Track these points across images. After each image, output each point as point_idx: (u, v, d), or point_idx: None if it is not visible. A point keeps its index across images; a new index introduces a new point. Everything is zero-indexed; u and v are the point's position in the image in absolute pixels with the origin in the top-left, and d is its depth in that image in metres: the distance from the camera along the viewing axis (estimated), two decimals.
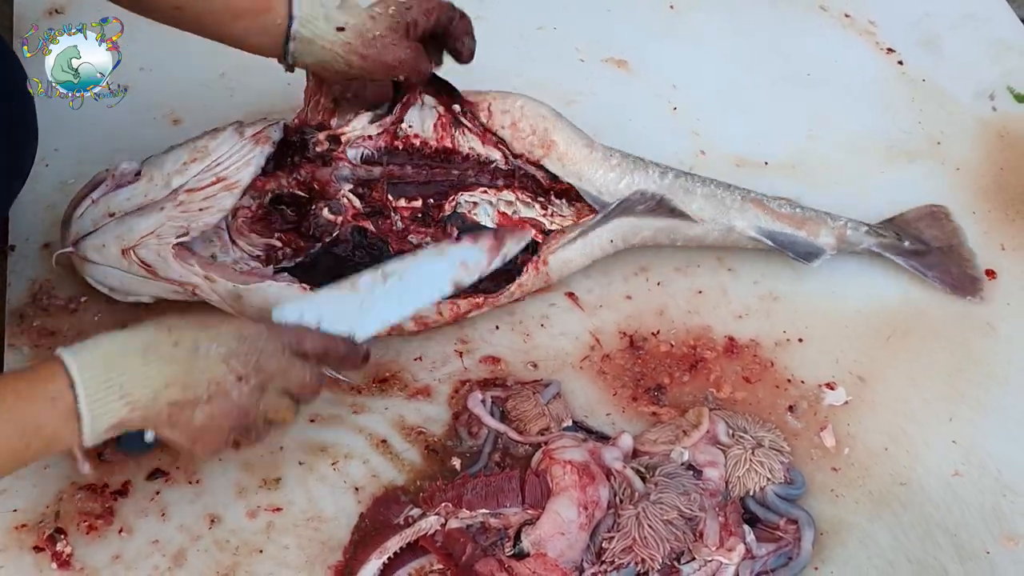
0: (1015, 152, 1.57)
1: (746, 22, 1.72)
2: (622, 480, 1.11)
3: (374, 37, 1.19)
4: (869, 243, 1.37)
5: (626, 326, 1.31)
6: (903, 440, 1.23)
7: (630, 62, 1.63)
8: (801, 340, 1.32)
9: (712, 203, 1.33)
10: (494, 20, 1.66)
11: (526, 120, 1.30)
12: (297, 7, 1.15)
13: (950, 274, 1.38)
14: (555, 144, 1.30)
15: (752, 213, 1.33)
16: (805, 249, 1.33)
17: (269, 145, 1.22)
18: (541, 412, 1.18)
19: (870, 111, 1.62)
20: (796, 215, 1.35)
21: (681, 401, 1.24)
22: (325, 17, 1.17)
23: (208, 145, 1.20)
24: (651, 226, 1.31)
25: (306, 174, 1.25)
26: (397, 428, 1.18)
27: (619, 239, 1.31)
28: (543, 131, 1.31)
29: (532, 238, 1.26)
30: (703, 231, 1.33)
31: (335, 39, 1.17)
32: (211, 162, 1.19)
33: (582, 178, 1.31)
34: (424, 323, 1.24)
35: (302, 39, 1.17)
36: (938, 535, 1.16)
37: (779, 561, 1.10)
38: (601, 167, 1.31)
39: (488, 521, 1.07)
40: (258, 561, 1.07)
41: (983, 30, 1.75)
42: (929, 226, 1.41)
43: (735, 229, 1.33)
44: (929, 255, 1.38)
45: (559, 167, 1.31)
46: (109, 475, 1.11)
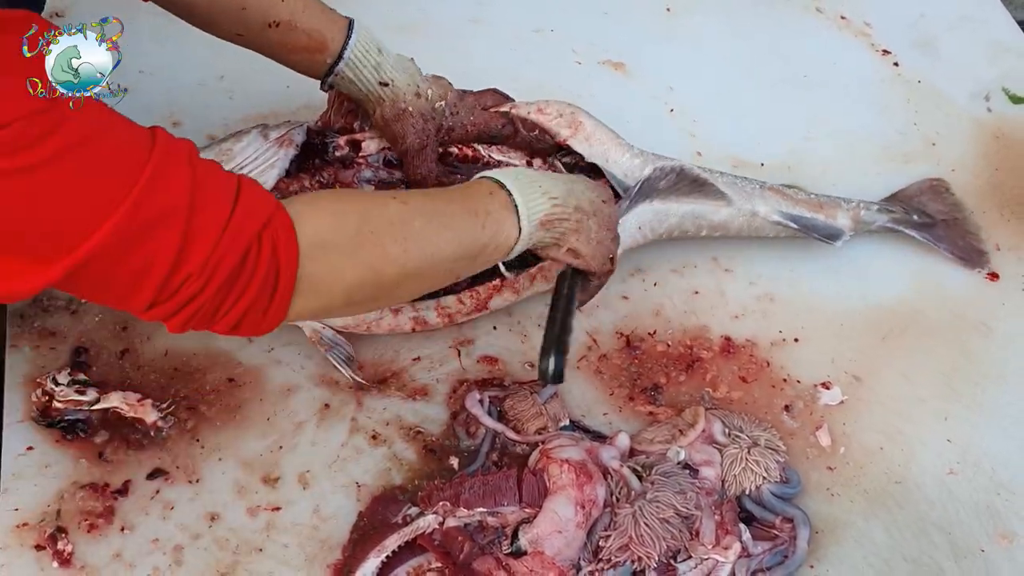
0: (1011, 153, 1.58)
1: (742, 24, 1.73)
2: (619, 479, 1.12)
3: (403, 112, 1.23)
4: (883, 220, 1.40)
5: (623, 326, 1.32)
6: (898, 439, 1.24)
7: (627, 64, 1.64)
8: (797, 340, 1.32)
9: (734, 189, 1.34)
10: (492, 23, 1.67)
11: (552, 106, 1.32)
12: (350, 51, 1.19)
13: (957, 246, 1.41)
14: (583, 125, 1.32)
15: (773, 199, 1.36)
16: (826, 231, 1.36)
17: (293, 148, 1.24)
18: (538, 412, 1.19)
19: (866, 112, 1.62)
20: (812, 200, 1.38)
21: (678, 401, 1.25)
22: (375, 67, 1.21)
23: (233, 148, 1.21)
24: (677, 212, 1.31)
25: (329, 176, 1.26)
26: (395, 427, 1.19)
27: (647, 227, 1.31)
28: (570, 114, 1.32)
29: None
30: (728, 216, 1.33)
31: (372, 91, 1.23)
32: (235, 165, 1.20)
33: (608, 160, 1.31)
34: (448, 315, 1.24)
35: (343, 77, 1.21)
36: (933, 533, 1.17)
37: (775, 559, 1.11)
38: (627, 152, 1.32)
39: (486, 520, 1.08)
40: (258, 559, 1.08)
41: (979, 32, 1.75)
42: (931, 199, 1.45)
43: (759, 214, 1.34)
44: (936, 227, 1.42)
45: (586, 147, 1.31)
46: (110, 474, 1.12)
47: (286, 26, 1.17)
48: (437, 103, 1.25)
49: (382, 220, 0.95)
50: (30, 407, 1.15)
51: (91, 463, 1.12)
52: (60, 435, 1.14)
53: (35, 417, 1.14)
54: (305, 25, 1.17)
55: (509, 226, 1.03)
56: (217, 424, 1.17)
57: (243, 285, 0.86)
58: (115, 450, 1.13)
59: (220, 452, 1.15)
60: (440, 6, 1.68)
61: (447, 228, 0.99)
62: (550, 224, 1.06)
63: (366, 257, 0.93)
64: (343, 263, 0.92)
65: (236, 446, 1.16)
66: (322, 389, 1.21)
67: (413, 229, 0.96)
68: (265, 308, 0.89)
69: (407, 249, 0.95)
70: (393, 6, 1.67)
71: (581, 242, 1.09)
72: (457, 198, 1.04)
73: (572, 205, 1.08)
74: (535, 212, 1.05)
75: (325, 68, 1.21)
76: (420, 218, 0.97)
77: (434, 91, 1.26)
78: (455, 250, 0.99)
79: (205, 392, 1.19)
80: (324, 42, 1.19)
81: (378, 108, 1.24)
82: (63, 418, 1.14)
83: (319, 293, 0.92)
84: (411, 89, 1.23)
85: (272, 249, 0.87)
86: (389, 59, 1.23)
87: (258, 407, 1.19)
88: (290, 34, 1.17)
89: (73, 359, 1.19)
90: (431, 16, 1.66)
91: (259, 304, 0.88)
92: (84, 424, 1.14)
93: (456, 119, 1.27)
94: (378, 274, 0.94)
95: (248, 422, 1.18)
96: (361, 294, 0.95)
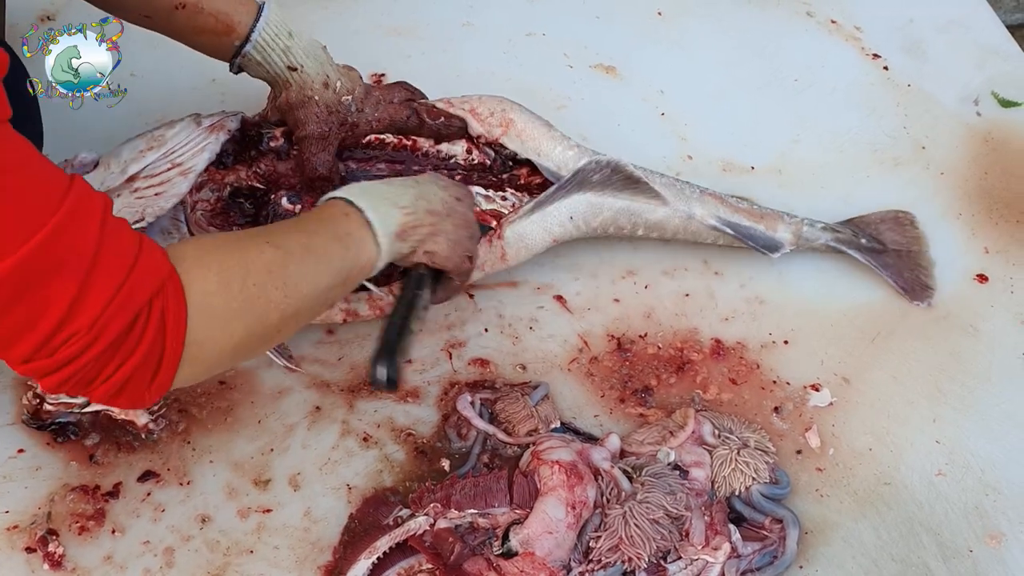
0: (999, 156, 1.59)
1: (733, 28, 1.74)
2: (609, 480, 1.12)
3: (308, 99, 1.24)
4: (826, 238, 1.39)
5: (614, 329, 1.32)
6: (887, 440, 1.25)
7: (618, 68, 1.65)
8: (787, 342, 1.33)
9: (671, 191, 1.33)
10: (484, 26, 1.68)
11: (484, 105, 1.34)
12: (257, 34, 1.19)
13: (902, 277, 1.39)
14: (513, 122, 1.33)
15: (711, 204, 1.35)
16: (764, 241, 1.35)
17: (224, 132, 1.24)
18: (529, 414, 1.19)
19: (856, 116, 1.63)
20: (754, 210, 1.37)
21: (668, 403, 1.25)
22: (284, 50, 1.21)
23: (165, 134, 1.22)
24: (612, 206, 1.31)
25: (266, 167, 1.27)
26: (387, 430, 1.19)
27: (579, 217, 1.30)
28: (501, 111, 1.33)
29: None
30: (664, 216, 1.33)
31: (281, 74, 1.23)
32: (167, 150, 1.21)
33: (540, 153, 1.33)
34: (379, 307, 1.23)
35: (251, 60, 1.22)
36: (922, 534, 1.17)
37: (764, 560, 1.11)
38: (560, 144, 1.33)
39: (476, 521, 1.08)
40: (249, 561, 1.08)
41: (968, 36, 1.76)
42: (891, 229, 1.43)
43: (695, 216, 1.33)
44: (884, 255, 1.40)
45: (518, 143, 1.33)
46: (101, 476, 1.12)
47: (192, 8, 1.17)
48: (344, 96, 1.26)
49: (262, 270, 0.93)
50: (21, 410, 1.15)
51: (82, 465, 1.13)
52: (51, 438, 1.14)
53: (26, 420, 1.14)
54: (212, 7, 1.18)
55: (369, 244, 1.02)
56: (208, 426, 1.17)
57: (128, 351, 0.83)
58: (106, 452, 1.14)
59: (211, 454, 1.15)
60: (432, 9, 1.69)
61: (319, 261, 0.98)
62: (405, 235, 1.05)
63: (253, 311, 0.91)
64: (231, 323, 0.90)
65: (227, 448, 1.16)
66: (313, 392, 1.22)
67: (289, 272, 0.94)
68: (150, 378, 0.86)
69: (288, 294, 0.94)
70: (385, 9, 1.68)
71: (438, 244, 1.09)
72: (319, 227, 1.02)
73: (423, 210, 1.08)
74: (389, 227, 1.04)
75: (233, 50, 1.21)
76: (294, 258, 0.96)
77: (343, 83, 1.26)
78: (329, 280, 0.99)
79: (196, 395, 1.19)
80: (231, 24, 1.19)
81: (284, 92, 1.24)
82: (54, 421, 1.14)
83: (206, 358, 0.89)
84: (320, 78, 1.24)
85: (160, 317, 0.84)
86: (300, 44, 1.23)
87: (249, 409, 1.19)
88: (197, 16, 1.18)
89: None
90: (423, 19, 1.67)
91: (143, 373, 0.85)
92: (75, 427, 1.15)
93: (361, 116, 1.28)
94: (264, 324, 0.93)
95: (239, 424, 1.18)
96: (247, 347, 0.94)
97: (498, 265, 1.29)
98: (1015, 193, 1.53)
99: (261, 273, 0.92)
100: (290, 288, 0.94)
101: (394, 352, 1.02)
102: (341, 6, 1.67)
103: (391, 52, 1.61)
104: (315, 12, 1.65)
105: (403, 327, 1.05)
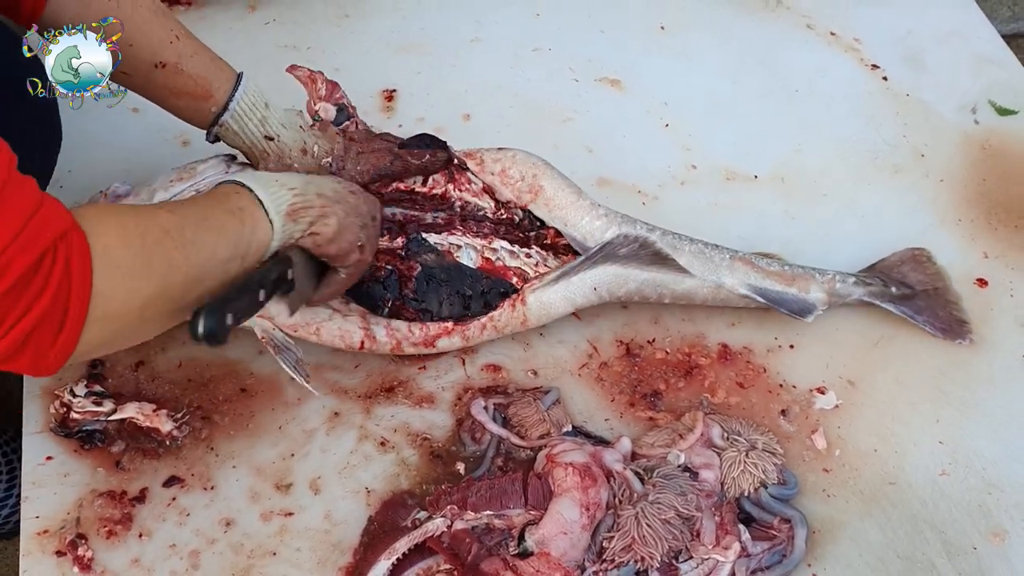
0: (997, 163, 1.61)
1: (734, 41, 1.77)
2: (622, 481, 1.14)
3: (288, 168, 1.22)
4: (859, 293, 1.36)
5: (623, 334, 1.35)
6: (892, 441, 1.27)
7: (623, 81, 1.68)
8: (792, 347, 1.35)
9: (700, 260, 1.31)
10: (491, 42, 1.71)
11: (516, 167, 1.30)
12: (236, 103, 1.19)
13: (938, 318, 1.38)
14: (543, 189, 1.30)
15: (741, 271, 1.32)
16: (797, 306, 1.32)
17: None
18: (542, 418, 1.22)
19: (856, 125, 1.66)
20: (785, 272, 1.34)
21: (677, 406, 1.28)
22: (261, 120, 1.21)
23: (196, 167, 1.24)
24: (637, 278, 1.29)
25: None
26: (403, 434, 1.22)
27: (603, 288, 1.28)
28: (532, 177, 1.30)
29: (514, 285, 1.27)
30: (692, 286, 1.31)
31: (257, 143, 1.23)
32: (195, 182, 1.22)
33: (567, 223, 1.30)
34: (396, 339, 1.23)
35: (228, 128, 1.21)
36: (927, 532, 1.19)
37: (773, 559, 1.13)
38: (588, 214, 1.30)
39: (492, 522, 1.10)
40: (272, 563, 1.10)
41: (965, 46, 1.79)
42: (912, 269, 1.41)
43: (724, 286, 1.31)
44: (916, 299, 1.38)
45: (545, 212, 1.30)
46: (127, 482, 1.15)
47: (172, 68, 1.16)
48: (324, 160, 1.24)
49: (159, 230, 0.92)
50: (48, 418, 1.18)
51: (109, 472, 1.15)
52: (78, 445, 1.17)
53: (53, 428, 1.17)
54: (192, 70, 1.17)
55: (263, 222, 1.02)
56: (230, 433, 1.20)
57: (33, 295, 0.81)
58: (132, 459, 1.17)
59: (234, 460, 1.18)
60: (441, 26, 1.72)
61: (216, 231, 0.98)
62: (296, 214, 1.05)
63: (156, 268, 0.90)
64: (135, 279, 0.89)
65: (249, 454, 1.19)
66: (331, 398, 1.24)
67: (187, 236, 0.94)
68: (56, 329, 0.84)
69: (188, 256, 0.93)
70: (394, 26, 1.71)
71: (327, 225, 1.07)
72: (212, 203, 1.02)
73: (313, 192, 1.07)
74: (280, 205, 1.03)
75: (211, 117, 1.20)
76: (190, 224, 0.95)
77: (320, 147, 1.24)
78: (226, 251, 0.98)
79: (218, 402, 1.22)
80: (209, 90, 1.18)
81: (262, 162, 1.23)
82: (81, 429, 1.17)
83: (113, 316, 0.88)
84: (297, 145, 1.23)
85: (65, 263, 0.83)
86: (276, 114, 1.22)
87: (270, 416, 1.22)
88: (176, 77, 1.17)
89: (89, 371, 1.22)
90: (432, 35, 1.70)
91: (49, 323, 0.83)
92: (101, 434, 1.17)
93: (344, 173, 1.25)
94: (168, 285, 0.91)
95: (260, 431, 1.21)
96: (155, 310, 0.92)
97: (518, 329, 1.29)
98: (1013, 198, 1.56)
99: (159, 232, 0.92)
100: (190, 251, 0.93)
101: (224, 306, 0.96)
102: (353, 25, 1.71)
103: (402, 69, 1.64)
104: (328, 31, 1.69)
105: (245, 288, 1.00)
